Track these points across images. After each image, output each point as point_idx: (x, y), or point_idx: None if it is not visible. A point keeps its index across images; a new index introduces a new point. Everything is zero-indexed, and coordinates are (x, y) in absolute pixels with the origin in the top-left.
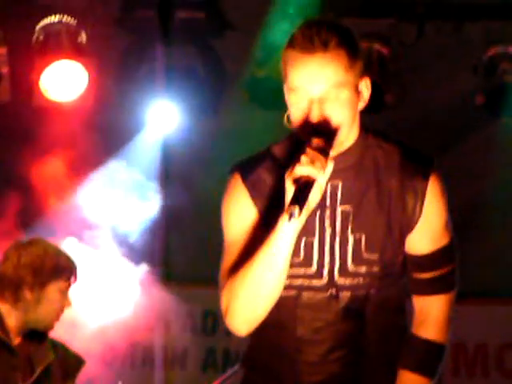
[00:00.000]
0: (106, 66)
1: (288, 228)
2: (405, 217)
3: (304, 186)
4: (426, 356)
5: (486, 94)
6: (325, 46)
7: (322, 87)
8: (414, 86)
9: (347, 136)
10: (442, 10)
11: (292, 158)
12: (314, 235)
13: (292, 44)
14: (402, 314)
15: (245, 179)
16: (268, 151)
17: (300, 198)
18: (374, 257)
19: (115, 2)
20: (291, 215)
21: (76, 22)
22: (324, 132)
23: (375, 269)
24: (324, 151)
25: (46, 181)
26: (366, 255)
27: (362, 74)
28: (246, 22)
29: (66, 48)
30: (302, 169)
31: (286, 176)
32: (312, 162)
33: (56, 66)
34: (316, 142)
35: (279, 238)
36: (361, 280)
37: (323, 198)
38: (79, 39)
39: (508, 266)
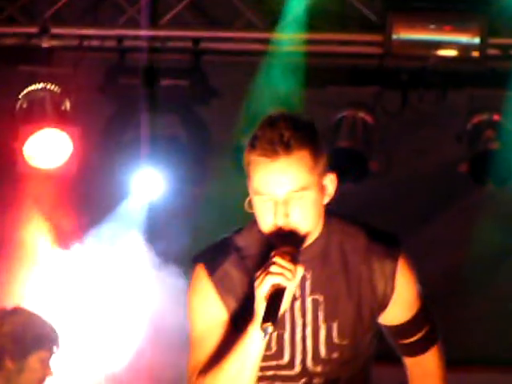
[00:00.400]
0: (91, 134)
1: (259, 338)
2: (375, 300)
3: (275, 297)
4: None
5: (470, 161)
6: (287, 149)
7: (286, 190)
8: (398, 154)
9: (313, 231)
10: (426, 78)
11: (257, 251)
12: (284, 328)
13: (254, 147)
14: None
15: (211, 275)
16: (231, 242)
17: (272, 313)
18: (346, 342)
19: (99, 69)
20: (265, 332)
21: (60, 89)
22: (292, 240)
23: (346, 354)
24: (294, 258)
25: (28, 247)
26: (337, 341)
27: (326, 170)
28: (230, 89)
29: (50, 116)
30: (274, 279)
31: (255, 285)
32: (282, 272)
33: (40, 134)
34: (285, 249)
35: (250, 346)
36: (333, 366)
37: (298, 291)
38: (63, 107)
39: (485, 334)
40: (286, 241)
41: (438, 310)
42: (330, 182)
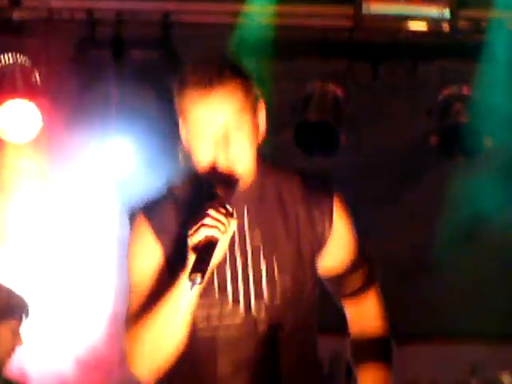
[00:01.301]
0: (61, 106)
1: (188, 288)
2: (315, 236)
3: (207, 248)
4: (381, 345)
5: (440, 135)
6: (222, 80)
7: (225, 119)
8: (368, 127)
9: (249, 172)
10: (397, 51)
11: (194, 201)
12: (225, 273)
13: (185, 84)
14: (314, 350)
15: (149, 219)
16: (169, 193)
17: (202, 264)
18: (287, 278)
19: (69, 41)
20: (193, 283)
21: (30, 61)
22: (229, 179)
23: (288, 294)
24: (228, 211)
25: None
26: (278, 278)
27: (257, 107)
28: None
29: (20, 87)
30: (207, 231)
31: (188, 235)
32: (216, 224)
33: (9, 106)
34: (221, 193)
35: (179, 295)
36: (277, 311)
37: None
38: (33, 79)
39: (455, 306)
40: (224, 179)
41: (406, 283)
42: (262, 119)
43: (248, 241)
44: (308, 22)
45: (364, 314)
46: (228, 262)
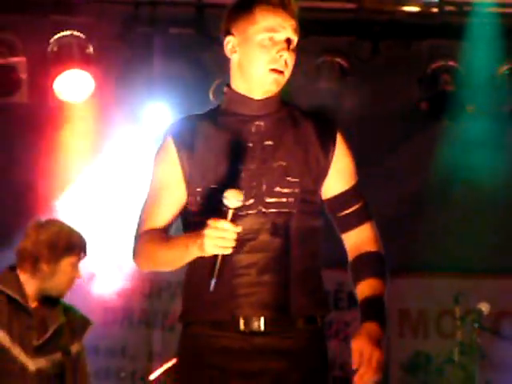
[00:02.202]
0: (111, 74)
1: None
2: (321, 150)
3: (216, 257)
4: (377, 262)
5: (429, 101)
6: (291, 4)
7: (292, 30)
8: (368, 94)
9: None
10: (395, 30)
11: (209, 125)
12: (243, 164)
13: (260, 2)
14: (318, 247)
15: (175, 140)
16: (190, 117)
17: (213, 270)
18: (295, 180)
19: (119, 19)
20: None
21: (85, 36)
22: (279, 79)
23: (296, 190)
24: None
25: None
26: (288, 179)
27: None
28: None
29: (76, 58)
30: (217, 251)
31: (201, 242)
32: (224, 249)
33: (67, 74)
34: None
35: (187, 257)
36: (284, 199)
37: (250, 135)
38: (87, 51)
39: (443, 245)
40: (279, 74)
41: (397, 225)
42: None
43: (262, 149)
44: (319, 4)
45: (359, 241)
46: (246, 159)
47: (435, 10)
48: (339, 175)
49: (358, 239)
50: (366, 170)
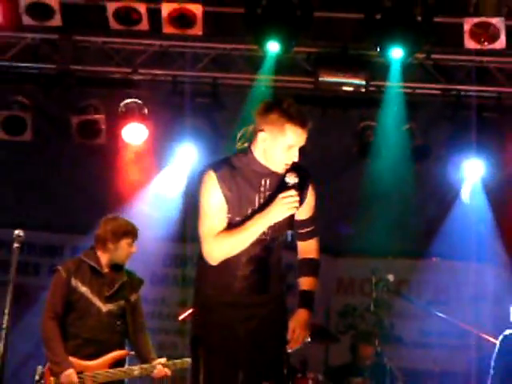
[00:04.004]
0: (157, 127)
1: (269, 223)
2: (301, 198)
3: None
4: (315, 266)
5: (358, 147)
6: (308, 125)
7: (303, 141)
8: (321, 142)
9: None
10: (337, 102)
11: (242, 170)
12: (254, 206)
13: (293, 119)
14: (282, 259)
15: (216, 173)
16: (228, 160)
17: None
18: (282, 219)
19: (163, 92)
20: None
21: (141, 102)
22: (295, 170)
23: (281, 225)
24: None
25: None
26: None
27: None
28: (234, 105)
29: (136, 116)
30: (289, 211)
31: (279, 201)
32: (294, 208)
33: (131, 126)
34: (291, 175)
35: (257, 231)
36: (275, 228)
37: (260, 187)
38: (143, 111)
39: (366, 238)
40: (293, 169)
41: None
42: None
43: (265, 197)
44: (288, 85)
45: (307, 249)
46: (252, 204)
47: (363, 89)
48: (305, 208)
49: (306, 248)
50: (318, 189)
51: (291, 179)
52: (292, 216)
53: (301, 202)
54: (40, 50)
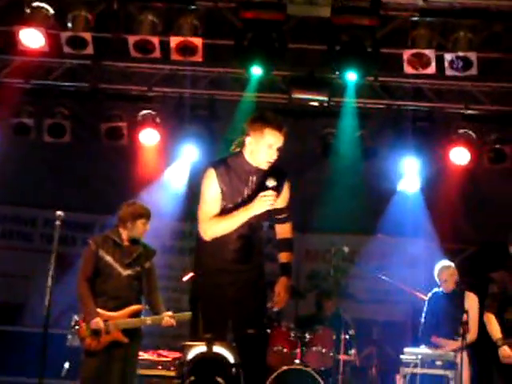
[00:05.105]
0: (166, 132)
1: (251, 215)
2: (277, 190)
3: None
4: (290, 244)
5: (321, 148)
6: (284, 128)
7: (281, 143)
8: (291, 145)
9: None
10: (305, 114)
11: (235, 168)
12: (243, 197)
13: (270, 123)
14: (262, 238)
15: (215, 170)
16: (225, 159)
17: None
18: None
19: (171, 104)
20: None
21: (155, 113)
22: (273, 167)
23: (261, 213)
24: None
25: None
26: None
27: None
28: (226, 116)
29: (150, 124)
30: (266, 208)
31: (259, 199)
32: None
33: (146, 131)
34: (271, 179)
35: (247, 216)
36: (259, 218)
37: (249, 182)
38: (156, 120)
39: (330, 216)
40: (273, 170)
41: (305, 209)
42: None
43: (252, 190)
44: (267, 100)
45: (284, 231)
46: (242, 195)
47: (326, 104)
48: (282, 200)
49: (283, 230)
50: (292, 182)
51: (270, 183)
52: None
53: (278, 196)
54: (77, 73)
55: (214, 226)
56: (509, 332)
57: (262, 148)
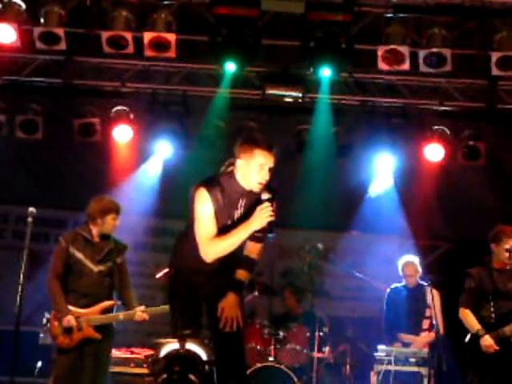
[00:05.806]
0: (140, 128)
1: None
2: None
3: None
4: (253, 265)
5: (297, 144)
6: (274, 150)
7: (272, 163)
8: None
9: None
10: (280, 110)
11: (228, 190)
12: (233, 219)
13: (260, 145)
14: (242, 248)
15: (208, 192)
16: (218, 178)
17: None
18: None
19: (145, 102)
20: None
21: (128, 109)
22: (267, 188)
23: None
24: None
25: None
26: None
27: None
28: (200, 112)
29: (124, 120)
30: (267, 221)
31: (259, 212)
32: (271, 219)
33: (119, 128)
34: (265, 192)
35: (248, 232)
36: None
37: (239, 205)
38: (130, 117)
39: (306, 215)
40: (265, 187)
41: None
42: None
43: (242, 212)
44: (241, 96)
45: (253, 250)
46: (231, 217)
47: (300, 100)
48: None
49: (252, 248)
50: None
51: (265, 195)
52: None
53: (274, 209)
54: (49, 68)
55: (215, 248)
56: (485, 328)
57: (253, 169)
